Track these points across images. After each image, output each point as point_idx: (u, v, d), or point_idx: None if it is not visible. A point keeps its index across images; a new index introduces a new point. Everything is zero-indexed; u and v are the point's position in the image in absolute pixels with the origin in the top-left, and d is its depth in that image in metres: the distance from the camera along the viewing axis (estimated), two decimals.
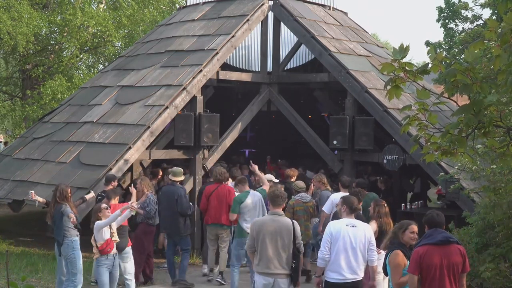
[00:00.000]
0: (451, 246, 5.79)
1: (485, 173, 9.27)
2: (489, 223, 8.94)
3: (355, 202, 7.27)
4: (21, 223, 15.74)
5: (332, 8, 16.23)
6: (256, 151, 18.79)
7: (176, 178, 10.45)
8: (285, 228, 6.90)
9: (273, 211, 7.06)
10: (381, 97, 12.40)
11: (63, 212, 8.47)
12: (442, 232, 5.86)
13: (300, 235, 6.99)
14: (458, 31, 19.22)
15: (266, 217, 7.26)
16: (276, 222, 6.94)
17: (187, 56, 13.59)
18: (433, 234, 5.83)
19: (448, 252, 5.75)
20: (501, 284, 8.23)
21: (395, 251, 6.08)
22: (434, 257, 5.71)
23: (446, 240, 5.79)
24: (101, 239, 8.16)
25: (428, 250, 5.73)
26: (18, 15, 18.76)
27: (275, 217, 7.00)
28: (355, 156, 13.25)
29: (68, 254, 8.51)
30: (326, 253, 6.90)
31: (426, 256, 5.72)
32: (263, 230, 6.90)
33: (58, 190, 8.67)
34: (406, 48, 4.40)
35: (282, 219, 7.01)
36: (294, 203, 10.03)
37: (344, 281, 6.85)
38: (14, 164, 13.11)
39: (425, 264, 5.71)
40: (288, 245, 6.85)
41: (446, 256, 5.73)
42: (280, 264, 6.84)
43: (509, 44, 4.11)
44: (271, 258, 6.84)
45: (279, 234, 6.85)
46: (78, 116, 13.55)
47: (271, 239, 6.85)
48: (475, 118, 4.39)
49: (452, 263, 5.73)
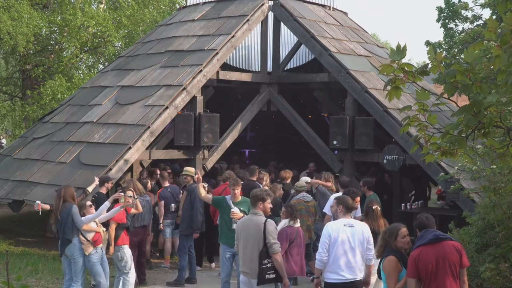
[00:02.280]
0: (443, 243, 5.80)
1: (485, 173, 9.27)
2: (489, 223, 8.93)
3: (349, 201, 7.24)
4: (21, 223, 15.74)
5: (332, 8, 16.23)
6: (256, 151, 18.80)
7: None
8: (256, 227, 6.89)
9: (252, 211, 7.10)
10: (381, 97, 12.40)
11: (72, 211, 8.30)
12: (432, 231, 5.89)
13: (272, 233, 6.83)
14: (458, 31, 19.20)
15: (246, 217, 7.38)
16: (250, 222, 7.01)
17: (187, 56, 13.59)
18: (424, 235, 5.86)
19: (442, 250, 5.76)
20: (501, 284, 8.23)
21: (389, 257, 6.07)
22: (428, 257, 5.72)
23: (437, 238, 5.81)
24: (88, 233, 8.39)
25: (421, 251, 5.76)
26: (18, 15, 18.74)
27: (252, 217, 7.07)
28: (355, 156, 13.25)
29: (74, 255, 8.37)
30: (324, 255, 6.90)
31: (421, 258, 5.73)
32: (239, 229, 7.06)
33: (63, 189, 8.53)
34: (404, 48, 4.39)
35: (255, 218, 6.99)
36: (295, 203, 10.02)
37: (343, 281, 6.84)
38: (14, 164, 13.12)
39: (421, 266, 5.73)
40: (256, 244, 6.82)
41: (441, 253, 5.74)
42: (251, 263, 6.85)
43: (509, 45, 4.11)
44: (244, 257, 6.94)
45: (250, 233, 6.90)
46: (78, 116, 13.55)
47: (244, 238, 6.95)
48: (475, 119, 4.39)
49: (448, 260, 5.73)
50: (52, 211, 9.04)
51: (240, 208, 8.59)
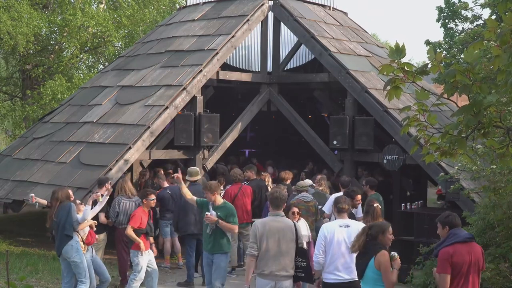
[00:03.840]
0: (473, 244, 5.97)
1: (485, 173, 9.28)
2: (489, 223, 8.95)
3: (341, 202, 7.19)
4: (21, 223, 15.74)
5: (332, 8, 16.23)
6: (256, 151, 18.80)
7: (192, 178, 10.50)
8: (288, 229, 6.88)
9: (273, 212, 7.00)
10: (381, 97, 12.40)
11: (72, 208, 8.26)
12: (464, 230, 6.05)
13: (302, 235, 7.01)
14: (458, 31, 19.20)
15: (268, 218, 7.12)
16: (278, 223, 6.91)
17: (187, 56, 13.59)
18: (457, 233, 5.96)
19: (473, 250, 5.91)
20: (501, 284, 8.24)
21: (382, 251, 6.00)
22: (463, 255, 5.85)
23: (471, 237, 5.98)
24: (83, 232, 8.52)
25: (456, 248, 5.85)
26: (18, 15, 18.75)
27: (276, 218, 6.96)
28: (355, 156, 13.24)
29: (72, 257, 8.28)
30: (321, 257, 6.92)
31: (456, 255, 5.83)
32: (266, 231, 6.83)
33: (60, 191, 8.49)
34: (403, 47, 4.39)
35: (284, 220, 7.00)
36: (295, 203, 10.01)
37: (341, 281, 6.86)
38: (14, 164, 13.11)
39: (456, 263, 5.82)
40: (291, 246, 6.84)
41: (474, 254, 5.88)
42: (283, 266, 6.79)
43: (509, 45, 4.10)
44: (274, 260, 6.78)
45: (282, 235, 6.82)
46: (78, 116, 13.55)
47: (274, 240, 6.80)
48: (474, 119, 4.38)
49: (477, 260, 5.89)
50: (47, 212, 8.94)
51: (218, 213, 8.23)
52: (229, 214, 8.21)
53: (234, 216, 8.25)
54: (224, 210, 8.23)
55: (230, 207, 8.40)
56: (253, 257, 6.86)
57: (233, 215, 8.24)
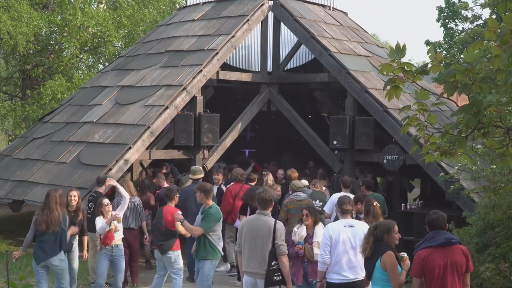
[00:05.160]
0: (453, 247, 5.81)
1: (485, 173, 9.28)
2: (489, 223, 8.94)
3: (345, 203, 7.19)
4: (21, 223, 15.72)
5: (332, 8, 16.23)
6: (256, 151, 18.79)
7: (195, 176, 10.48)
8: (265, 228, 6.84)
9: (259, 212, 7.03)
10: (381, 97, 12.40)
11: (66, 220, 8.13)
12: (444, 233, 5.86)
13: (282, 236, 6.83)
14: (458, 31, 19.19)
15: (252, 216, 7.27)
16: (259, 221, 6.94)
17: (187, 56, 13.59)
18: (435, 236, 5.83)
19: (451, 253, 5.76)
20: (501, 284, 8.24)
21: (388, 252, 6.00)
22: (436, 259, 5.71)
23: (448, 241, 5.80)
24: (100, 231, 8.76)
25: (430, 252, 5.74)
26: (18, 15, 18.74)
27: (259, 216, 6.99)
28: (355, 156, 13.25)
29: (60, 265, 8.14)
30: (327, 257, 6.91)
31: (429, 259, 5.72)
32: (245, 229, 6.96)
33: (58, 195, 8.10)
34: (403, 47, 4.39)
35: (264, 218, 6.94)
36: (288, 202, 9.99)
37: (346, 281, 6.88)
38: (14, 164, 13.12)
39: (427, 267, 5.72)
40: (266, 245, 6.78)
41: (449, 256, 5.74)
42: (259, 264, 6.80)
43: (509, 45, 4.10)
44: (250, 257, 6.87)
45: (258, 234, 6.84)
46: (78, 116, 13.56)
47: (250, 238, 6.87)
48: (474, 118, 4.38)
49: (455, 263, 5.74)
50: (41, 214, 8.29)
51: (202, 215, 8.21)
52: (205, 216, 8.12)
53: (207, 219, 8.07)
54: (205, 212, 8.15)
55: (212, 211, 8.17)
56: (239, 253, 7.10)
57: (207, 217, 8.07)
